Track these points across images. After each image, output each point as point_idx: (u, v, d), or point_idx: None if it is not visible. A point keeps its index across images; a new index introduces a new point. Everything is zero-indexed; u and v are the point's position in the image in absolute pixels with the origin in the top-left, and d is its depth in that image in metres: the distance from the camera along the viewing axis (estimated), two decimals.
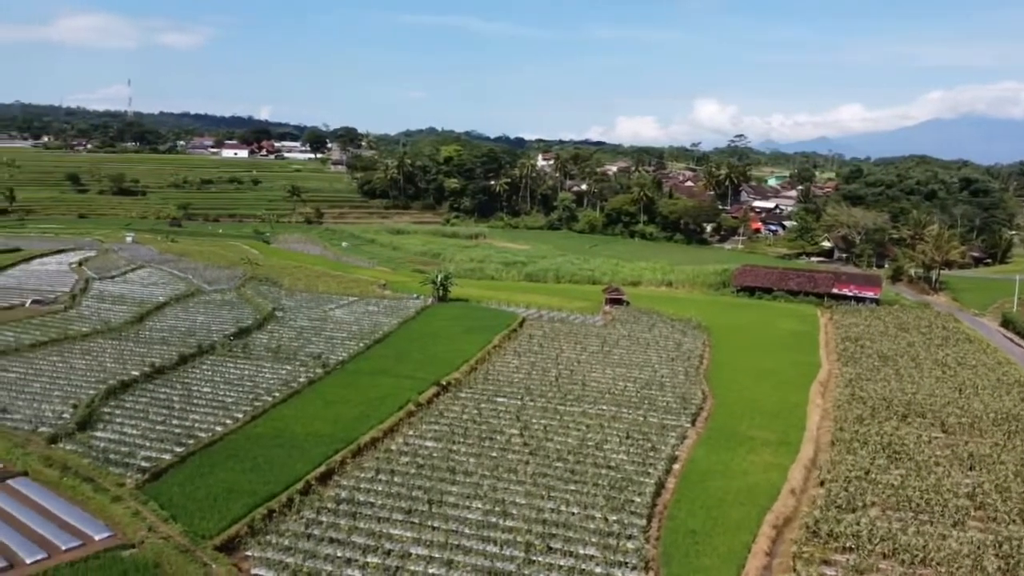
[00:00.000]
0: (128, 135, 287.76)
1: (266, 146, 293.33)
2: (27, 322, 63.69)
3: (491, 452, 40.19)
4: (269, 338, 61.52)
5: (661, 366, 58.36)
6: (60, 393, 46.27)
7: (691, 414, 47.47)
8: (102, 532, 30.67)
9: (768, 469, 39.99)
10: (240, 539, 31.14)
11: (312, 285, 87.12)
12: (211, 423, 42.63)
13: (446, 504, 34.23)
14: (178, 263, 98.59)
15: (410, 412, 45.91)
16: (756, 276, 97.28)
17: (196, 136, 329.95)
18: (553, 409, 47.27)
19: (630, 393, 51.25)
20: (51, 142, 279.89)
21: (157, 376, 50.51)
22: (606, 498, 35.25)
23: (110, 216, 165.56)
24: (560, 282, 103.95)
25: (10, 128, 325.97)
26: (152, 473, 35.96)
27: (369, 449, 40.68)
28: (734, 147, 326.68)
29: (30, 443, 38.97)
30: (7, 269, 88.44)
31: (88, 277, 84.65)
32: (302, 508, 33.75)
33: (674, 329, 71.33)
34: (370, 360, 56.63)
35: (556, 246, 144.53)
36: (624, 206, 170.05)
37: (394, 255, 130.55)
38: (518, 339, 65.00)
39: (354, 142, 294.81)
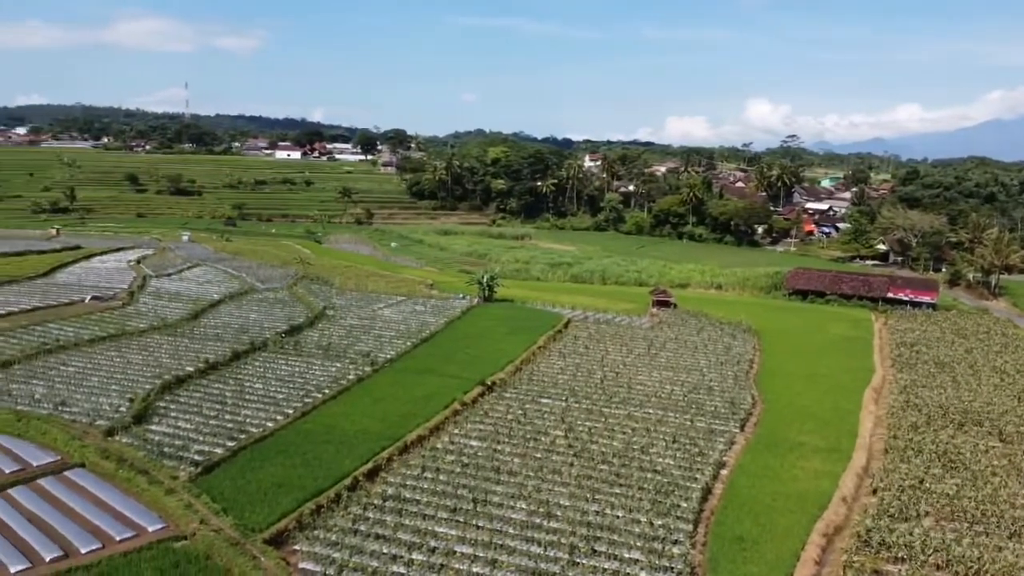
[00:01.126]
0: (185, 137, 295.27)
1: (318, 148, 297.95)
2: (86, 318, 65.62)
3: (535, 453, 40.21)
4: (320, 336, 62.47)
5: (709, 370, 57.64)
6: (117, 387, 47.54)
7: (740, 419, 46.78)
8: (155, 523, 31.40)
9: (819, 476, 39.22)
10: (288, 533, 31.68)
11: (362, 284, 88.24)
12: (262, 419, 43.42)
13: (491, 503, 34.35)
14: (232, 262, 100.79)
15: (455, 411, 46.18)
16: (809, 279, 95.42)
17: (251, 138, 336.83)
18: (598, 411, 47.06)
19: (677, 397, 50.73)
20: (111, 143, 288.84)
21: (211, 372, 51.64)
22: (652, 502, 34.98)
23: (167, 215, 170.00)
24: (606, 283, 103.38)
25: (72, 129, 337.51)
26: (205, 467, 36.73)
27: (415, 447, 41.04)
28: (787, 148, 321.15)
29: (88, 435, 40.10)
30: (68, 266, 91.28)
31: (146, 275, 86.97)
32: (349, 504, 34.19)
33: (723, 332, 70.38)
34: (417, 359, 57.13)
35: (602, 247, 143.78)
36: (673, 207, 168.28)
37: (441, 255, 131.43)
38: (563, 340, 64.87)
39: (404, 144, 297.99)
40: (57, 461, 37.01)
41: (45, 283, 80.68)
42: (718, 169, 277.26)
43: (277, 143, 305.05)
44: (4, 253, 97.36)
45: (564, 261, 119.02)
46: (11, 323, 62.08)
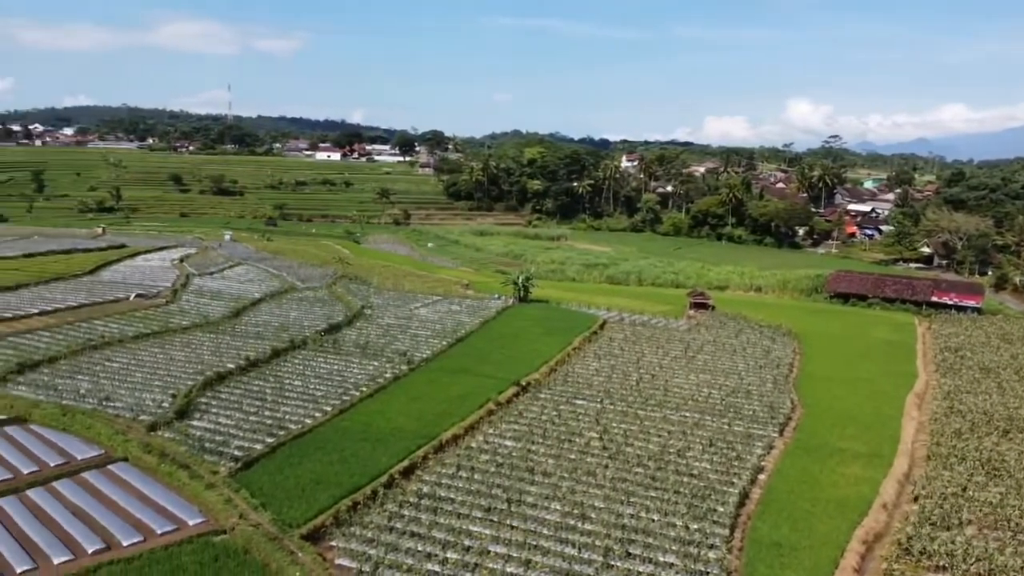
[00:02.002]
0: (228, 138, 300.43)
1: (358, 149, 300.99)
2: (131, 315, 67.06)
3: (570, 454, 40.14)
4: (358, 335, 63.10)
5: (748, 373, 56.99)
6: (160, 383, 48.49)
7: (779, 424, 46.18)
8: (196, 517, 31.95)
9: (859, 483, 38.57)
10: (325, 529, 32.04)
11: (399, 284, 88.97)
12: (301, 415, 43.97)
13: (525, 504, 34.38)
14: (273, 261, 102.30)
15: (490, 411, 46.31)
16: (850, 282, 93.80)
17: (291, 139, 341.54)
18: (633, 414, 46.82)
19: (714, 400, 50.25)
20: (155, 144, 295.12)
21: (251, 369, 52.46)
22: (687, 506, 34.72)
23: (210, 215, 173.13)
24: (643, 285, 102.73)
25: (117, 130, 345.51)
26: (244, 462, 37.28)
27: (450, 446, 41.25)
28: (828, 148, 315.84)
29: (131, 430, 40.95)
30: (113, 264, 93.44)
31: (188, 273, 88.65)
32: (385, 501, 34.49)
33: (762, 335, 69.54)
34: (452, 358, 57.40)
35: (639, 248, 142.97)
36: (711, 208, 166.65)
37: (477, 256, 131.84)
38: (598, 342, 64.66)
39: (441, 145, 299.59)
40: (101, 455, 37.89)
41: (91, 281, 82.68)
42: (758, 169, 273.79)
43: (317, 144, 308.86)
44: (52, 251, 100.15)
45: (600, 262, 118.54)
46: (58, 319, 63.76)
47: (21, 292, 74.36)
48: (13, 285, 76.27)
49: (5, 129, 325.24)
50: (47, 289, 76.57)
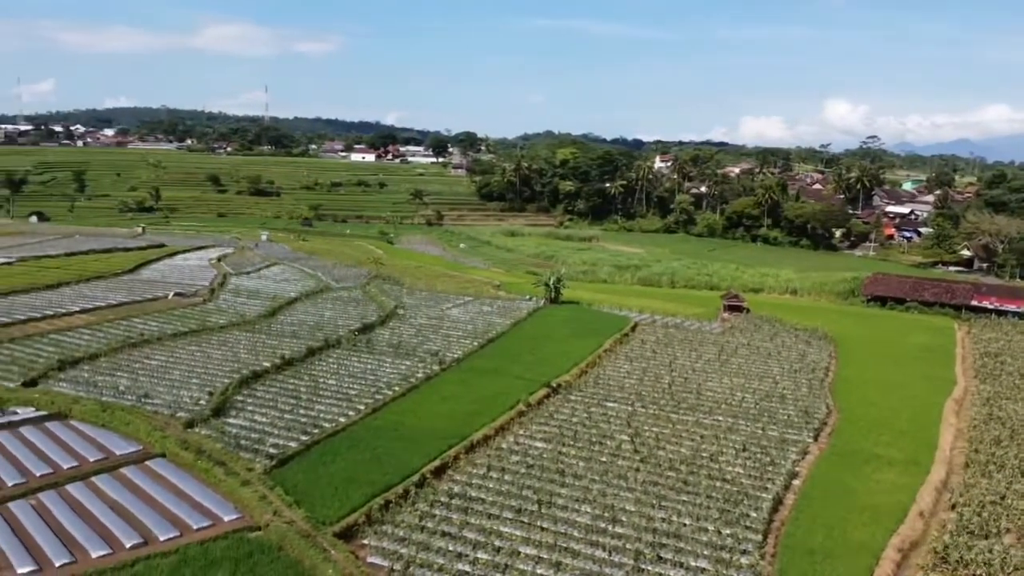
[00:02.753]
0: (265, 139, 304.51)
1: (392, 150, 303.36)
2: (169, 313, 68.25)
3: (601, 457, 40.03)
4: (391, 334, 63.57)
5: (783, 377, 56.33)
6: (197, 380, 49.23)
7: (814, 429, 45.59)
8: (231, 514, 32.37)
9: (895, 490, 37.94)
10: (358, 527, 32.30)
11: (431, 285, 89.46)
12: (335, 414, 44.38)
13: (555, 506, 34.37)
14: (308, 261, 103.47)
15: (521, 412, 46.34)
16: (888, 285, 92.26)
17: (327, 140, 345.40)
18: (665, 417, 46.55)
19: (748, 404, 49.75)
20: (194, 145, 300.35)
21: (287, 367, 53.04)
22: (720, 511, 34.43)
23: (247, 215, 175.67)
24: (675, 287, 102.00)
25: (157, 131, 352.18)
26: (279, 459, 37.69)
27: (481, 446, 41.35)
28: (866, 149, 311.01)
29: (169, 426, 41.61)
30: (152, 263, 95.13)
31: (226, 272, 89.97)
32: (417, 500, 34.68)
33: (798, 339, 68.69)
34: (483, 359, 57.55)
35: (672, 250, 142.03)
36: (747, 209, 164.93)
37: (508, 257, 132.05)
38: (630, 344, 64.37)
39: (474, 146, 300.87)
40: (139, 451, 38.54)
41: (131, 279, 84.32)
42: (794, 170, 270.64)
43: (352, 146, 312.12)
44: (93, 250, 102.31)
45: (632, 263, 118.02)
46: (98, 317, 65.11)
47: (63, 290, 76.07)
48: (55, 283, 78.06)
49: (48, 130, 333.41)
50: (88, 287, 78.23)
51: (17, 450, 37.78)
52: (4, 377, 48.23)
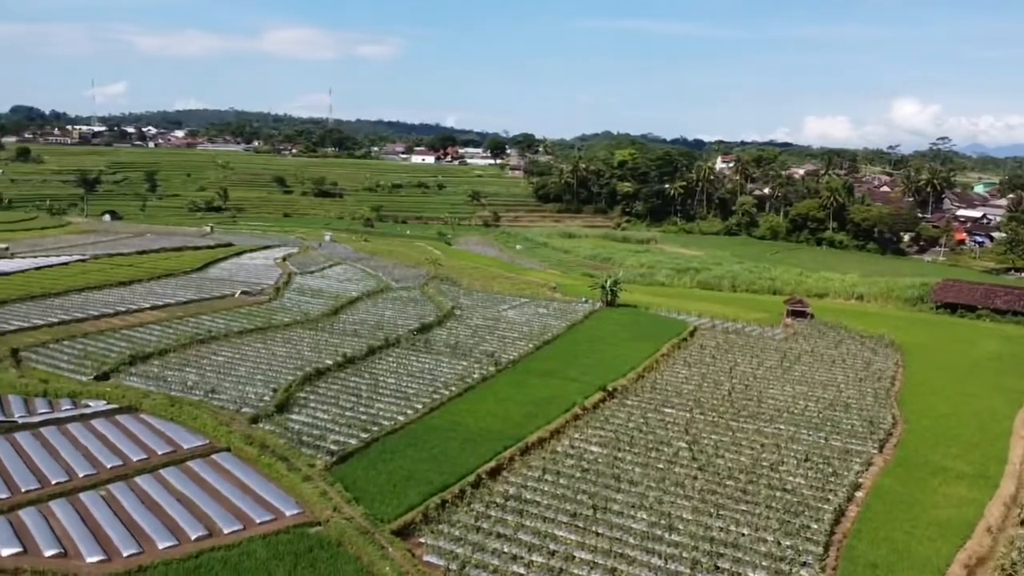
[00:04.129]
0: (328, 141, 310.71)
1: (451, 152, 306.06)
2: (236, 311, 70.13)
3: (658, 463, 39.65)
4: (448, 335, 64.16)
5: (847, 386, 54.91)
6: (262, 377, 50.46)
7: (879, 439, 44.32)
8: (292, 509, 33.05)
9: (962, 504, 36.67)
10: (415, 526, 32.67)
11: (488, 286, 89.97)
12: (394, 412, 44.99)
13: (611, 511, 34.18)
14: (370, 261, 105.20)
15: (576, 415, 46.22)
16: (958, 292, 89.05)
17: (388, 143, 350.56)
18: (725, 424, 45.84)
19: (811, 413, 48.64)
20: (260, 146, 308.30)
21: (348, 365, 53.99)
22: (780, 521, 33.77)
23: (311, 216, 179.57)
24: (736, 291, 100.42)
25: (225, 133, 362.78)
26: (339, 456, 38.37)
27: (536, 448, 41.40)
28: (936, 150, 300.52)
29: (234, 421, 42.78)
30: (220, 262, 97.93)
31: (291, 272, 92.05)
32: (472, 501, 34.93)
33: (863, 346, 66.87)
34: (539, 361, 57.58)
35: (733, 253, 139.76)
36: (811, 211, 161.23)
37: (565, 258, 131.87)
38: (689, 349, 63.59)
39: (532, 148, 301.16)
40: (206, 445, 39.62)
41: (199, 277, 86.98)
42: (861, 172, 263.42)
43: (413, 148, 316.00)
44: (163, 248, 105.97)
45: (691, 266, 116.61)
46: (168, 314, 67.32)
47: (135, 287, 78.90)
48: (127, 280, 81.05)
49: (120, 131, 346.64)
50: (158, 285, 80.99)
51: (89, 442, 39.30)
52: (78, 371, 50.32)
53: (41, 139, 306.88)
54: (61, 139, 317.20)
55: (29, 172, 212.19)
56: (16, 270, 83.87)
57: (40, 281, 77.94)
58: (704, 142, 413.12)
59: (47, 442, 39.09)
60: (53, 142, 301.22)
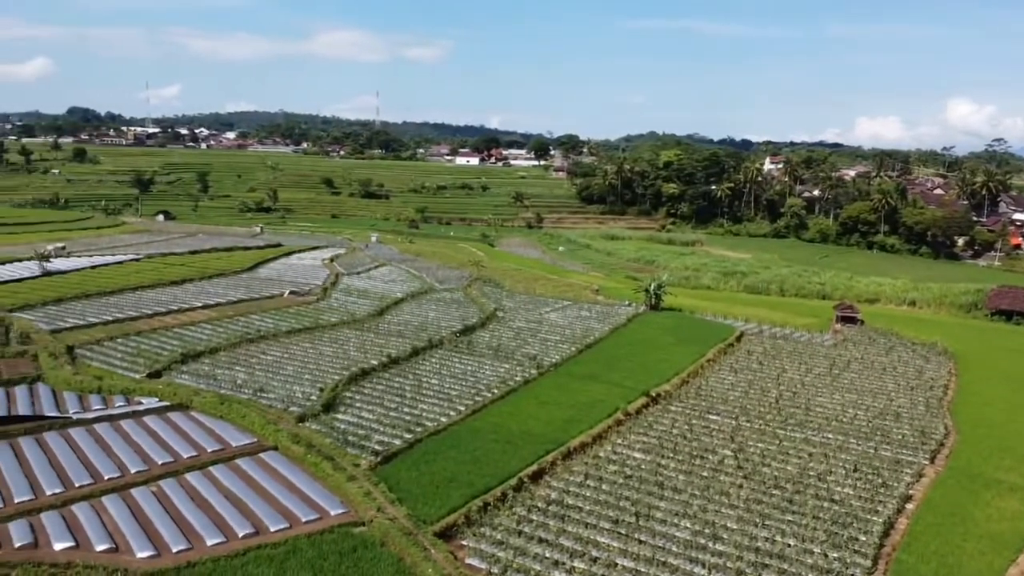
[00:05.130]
0: (375, 143, 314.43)
1: (495, 154, 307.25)
2: (284, 311, 71.23)
3: (702, 471, 39.23)
4: (490, 337, 64.37)
5: (898, 394, 53.69)
6: (309, 376, 51.16)
7: (930, 450, 43.23)
8: (337, 508, 33.44)
9: (1016, 517, 35.58)
10: (457, 528, 32.82)
11: (530, 288, 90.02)
12: (437, 413, 45.23)
13: (654, 519, 33.91)
14: (414, 262, 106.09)
15: (619, 421, 45.97)
16: (1014, 298, 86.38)
17: (433, 144, 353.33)
18: (772, 433, 45.14)
19: (860, 422, 47.64)
20: (309, 148, 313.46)
21: (392, 366, 54.47)
22: (827, 533, 33.16)
23: (357, 217, 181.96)
24: (784, 295, 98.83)
25: (275, 135, 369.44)
26: (384, 456, 38.71)
27: (578, 453, 41.27)
28: (992, 152, 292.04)
29: (281, 420, 43.39)
30: (269, 262, 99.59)
31: (338, 272, 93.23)
32: (514, 504, 34.95)
33: (915, 354, 65.30)
34: (581, 364, 57.37)
35: (781, 256, 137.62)
36: (862, 214, 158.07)
37: (608, 260, 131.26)
38: (735, 354, 62.77)
39: (575, 149, 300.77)
40: (254, 443, 40.31)
41: (249, 277, 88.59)
42: (914, 174, 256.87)
43: (457, 150, 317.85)
44: (215, 248, 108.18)
45: (738, 270, 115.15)
46: (219, 313, 68.70)
47: (187, 286, 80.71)
48: (180, 280, 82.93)
49: (174, 132, 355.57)
50: (209, 284, 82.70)
51: (141, 438, 40.30)
52: (131, 368, 51.62)
53: (97, 140, 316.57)
54: (116, 140, 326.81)
55: (85, 172, 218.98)
56: (72, 268, 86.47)
57: (95, 280, 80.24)
58: (752, 142, 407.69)
59: (100, 438, 40.21)
60: (108, 143, 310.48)
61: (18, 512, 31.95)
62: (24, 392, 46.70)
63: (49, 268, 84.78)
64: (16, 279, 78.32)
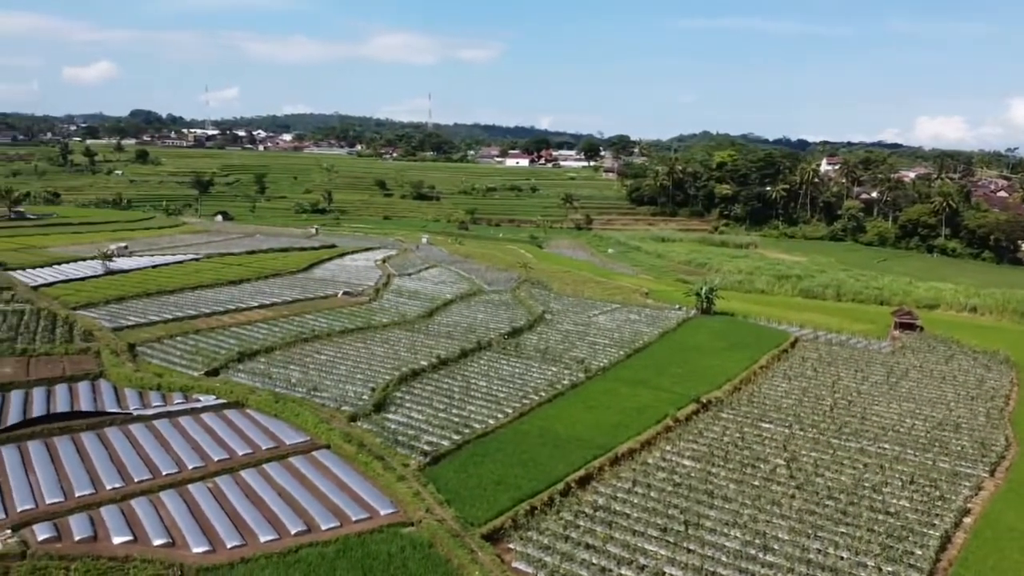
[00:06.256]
0: (427, 145, 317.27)
1: (544, 155, 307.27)
2: (338, 311, 72.46)
3: (753, 480, 38.67)
4: (538, 339, 64.42)
5: (958, 404, 52.12)
6: (361, 376, 52.00)
7: (990, 462, 41.88)
8: (387, 508, 33.95)
9: None
10: (504, 531, 32.95)
11: (578, 290, 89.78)
12: (484, 415, 45.54)
13: (703, 528, 33.57)
14: (463, 264, 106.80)
15: (668, 427, 45.58)
16: None
17: (484, 146, 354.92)
18: (825, 442, 44.25)
19: (918, 432, 46.40)
20: (363, 150, 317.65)
21: (442, 367, 54.98)
22: (881, 546, 32.40)
23: (409, 218, 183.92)
24: (841, 300, 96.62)
25: (330, 137, 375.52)
26: (432, 457, 39.10)
27: (626, 459, 41.05)
28: None
29: (334, 419, 44.16)
30: (324, 263, 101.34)
31: (389, 273, 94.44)
32: (561, 509, 34.97)
33: (976, 362, 63.25)
34: (629, 369, 57.02)
35: (838, 259, 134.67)
36: (922, 217, 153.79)
37: (658, 263, 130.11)
38: (789, 361, 61.67)
39: (626, 149, 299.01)
40: (307, 441, 41.15)
41: (304, 278, 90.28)
42: (976, 176, 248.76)
43: (507, 151, 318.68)
44: (272, 249, 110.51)
45: (793, 273, 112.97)
46: (275, 313, 70.20)
47: (244, 286, 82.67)
48: (237, 279, 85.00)
49: (232, 134, 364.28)
50: (266, 284, 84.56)
51: (198, 435, 41.48)
52: (190, 366, 53.14)
53: (158, 142, 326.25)
54: (177, 142, 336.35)
55: (147, 173, 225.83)
56: (134, 268, 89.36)
57: (156, 279, 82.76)
58: (808, 143, 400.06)
59: (159, 434, 41.48)
60: (169, 145, 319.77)
61: (79, 506, 33.18)
62: (87, 388, 48.43)
63: (112, 267, 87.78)
64: (80, 278, 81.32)
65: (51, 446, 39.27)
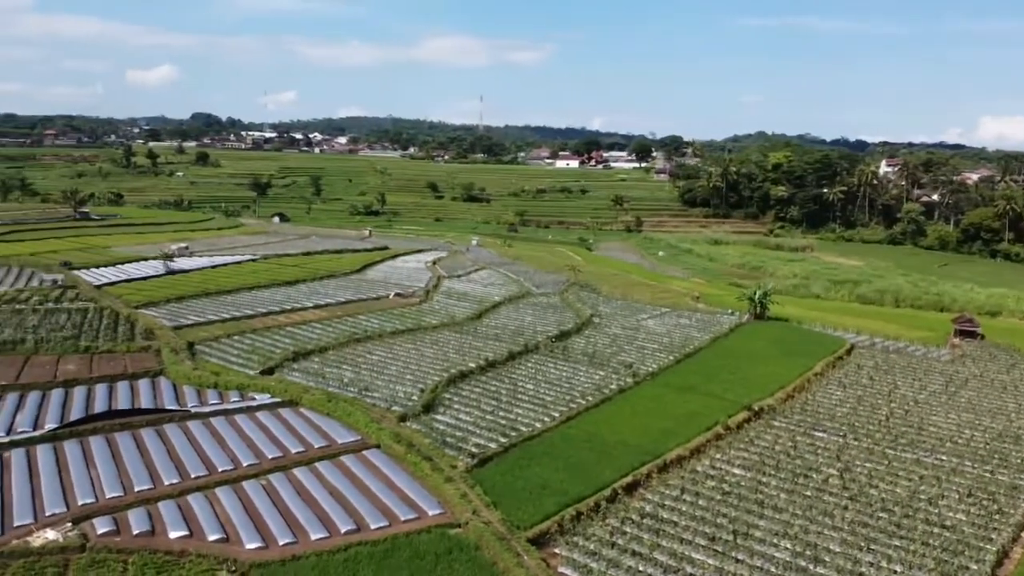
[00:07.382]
0: (478, 147, 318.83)
1: (595, 156, 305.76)
2: (390, 312, 73.46)
3: (805, 491, 38.02)
4: (586, 343, 64.30)
5: (1019, 415, 50.43)
6: (411, 377, 52.67)
7: None
8: (435, 509, 34.34)
9: None
10: (550, 535, 33.06)
11: (627, 293, 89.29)
12: (531, 419, 45.69)
13: (752, 538, 33.17)
14: (512, 266, 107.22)
15: (718, 435, 45.08)
16: None
17: (534, 148, 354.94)
18: (880, 452, 43.25)
19: (977, 444, 45.04)
20: (416, 153, 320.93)
21: (489, 369, 55.36)
22: (936, 560, 31.61)
23: (459, 220, 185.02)
24: (899, 306, 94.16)
25: (383, 140, 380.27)
26: (480, 459, 39.41)
27: (674, 466, 40.75)
28: None
29: (384, 419, 44.83)
30: (376, 265, 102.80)
31: (440, 275, 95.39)
32: (608, 515, 34.92)
33: None
34: (679, 375, 56.53)
35: (897, 264, 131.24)
36: (985, 221, 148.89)
37: (710, 266, 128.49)
38: (844, 368, 60.38)
39: (679, 150, 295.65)
40: (358, 441, 41.86)
41: (357, 279, 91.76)
42: None
43: (558, 153, 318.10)
44: (326, 250, 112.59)
45: (850, 278, 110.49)
46: (329, 313, 71.54)
47: (299, 287, 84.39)
48: (293, 280, 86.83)
49: (289, 137, 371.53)
50: (320, 285, 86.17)
51: (253, 433, 42.56)
52: (246, 365, 54.51)
53: (218, 144, 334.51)
54: (236, 144, 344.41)
55: (207, 175, 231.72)
56: (194, 268, 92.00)
57: (215, 279, 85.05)
58: (867, 143, 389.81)
59: (216, 432, 42.70)
60: (229, 147, 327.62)
61: (138, 500, 34.35)
62: (147, 385, 50.09)
63: (173, 267, 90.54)
64: (142, 277, 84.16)
65: (112, 441, 40.73)
